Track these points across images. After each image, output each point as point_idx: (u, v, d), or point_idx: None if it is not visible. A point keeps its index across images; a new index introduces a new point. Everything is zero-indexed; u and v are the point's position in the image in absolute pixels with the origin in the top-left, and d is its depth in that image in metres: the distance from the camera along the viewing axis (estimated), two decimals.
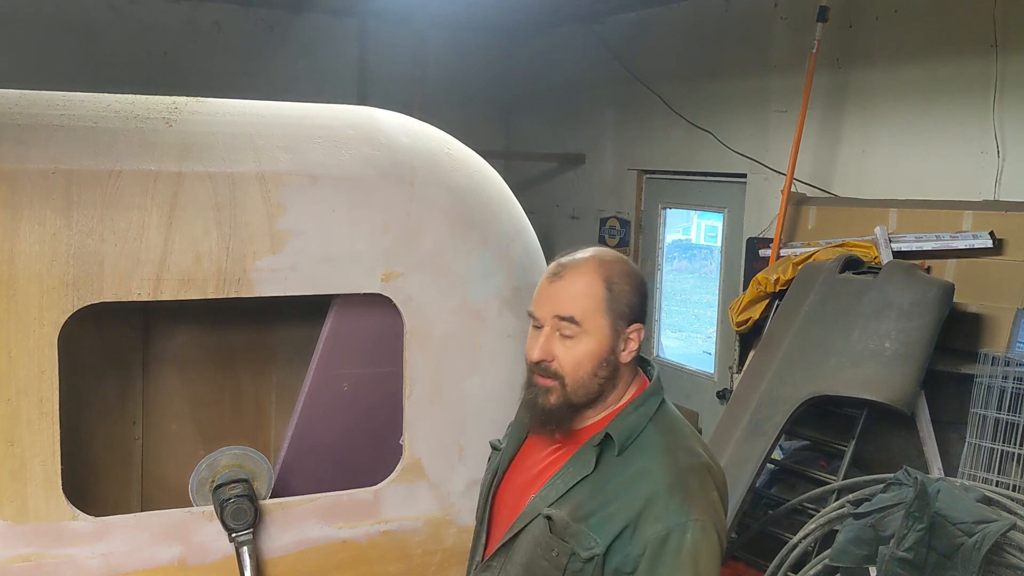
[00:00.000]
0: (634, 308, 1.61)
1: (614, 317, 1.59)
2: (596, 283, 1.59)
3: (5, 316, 1.66)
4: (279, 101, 2.13)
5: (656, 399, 1.65)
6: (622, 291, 1.60)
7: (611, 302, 1.59)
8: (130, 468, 2.39)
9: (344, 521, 1.96)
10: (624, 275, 1.62)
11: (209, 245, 1.77)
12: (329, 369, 2.06)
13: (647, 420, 1.61)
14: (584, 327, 1.58)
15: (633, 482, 1.55)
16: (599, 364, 1.60)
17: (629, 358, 1.62)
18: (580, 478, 1.59)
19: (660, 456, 1.57)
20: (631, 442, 1.59)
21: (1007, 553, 3.20)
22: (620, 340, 1.60)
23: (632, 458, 1.58)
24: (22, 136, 1.74)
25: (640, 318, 1.62)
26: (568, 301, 1.59)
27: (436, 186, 1.99)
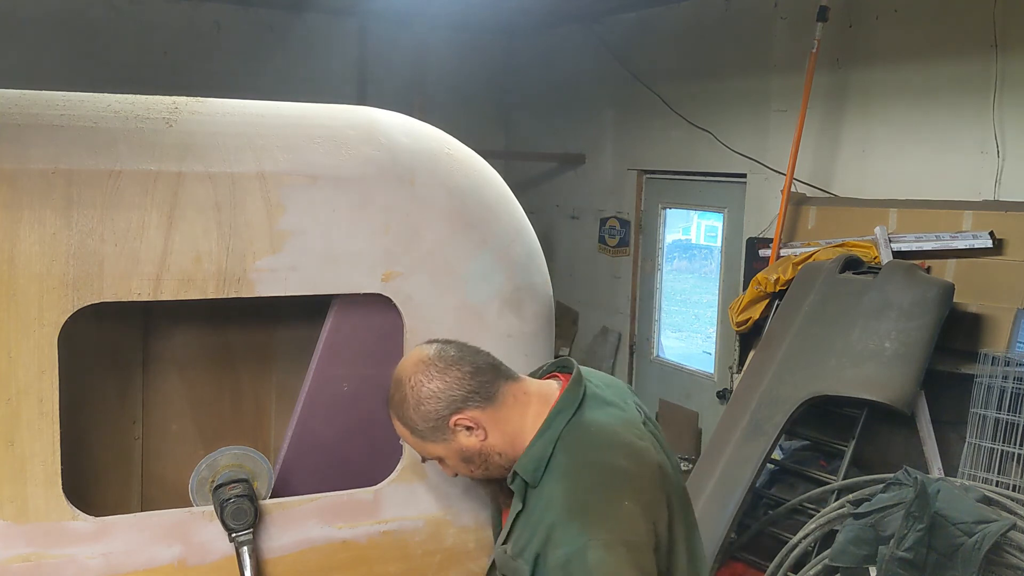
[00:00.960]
0: (436, 414, 1.63)
1: (432, 437, 1.65)
2: (399, 428, 1.69)
3: (5, 316, 1.66)
4: (279, 101, 2.13)
5: (562, 417, 1.63)
6: (411, 418, 1.64)
7: (417, 433, 1.66)
8: (130, 468, 2.39)
9: (344, 521, 1.96)
10: (403, 401, 1.65)
11: (209, 245, 1.77)
12: (329, 369, 2.06)
13: (552, 444, 1.61)
14: (432, 456, 1.70)
15: (541, 512, 1.57)
16: (467, 464, 1.68)
17: (481, 438, 1.64)
18: (514, 517, 1.63)
19: (562, 481, 1.57)
20: (543, 471, 1.59)
21: (1007, 553, 3.20)
22: (456, 440, 1.64)
23: (543, 486, 1.59)
24: (22, 136, 1.74)
25: (452, 409, 1.62)
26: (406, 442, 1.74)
27: (436, 186, 1.99)
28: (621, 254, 7.02)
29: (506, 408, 1.65)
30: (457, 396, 1.62)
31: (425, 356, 1.66)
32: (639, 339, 6.96)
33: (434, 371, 1.63)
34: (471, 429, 1.63)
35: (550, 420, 1.63)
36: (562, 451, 1.60)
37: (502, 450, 1.65)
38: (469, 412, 1.62)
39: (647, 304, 6.89)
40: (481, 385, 1.64)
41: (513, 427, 1.65)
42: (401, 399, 1.65)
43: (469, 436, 1.64)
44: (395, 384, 1.67)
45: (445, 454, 1.67)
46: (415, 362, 1.66)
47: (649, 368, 6.89)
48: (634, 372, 6.99)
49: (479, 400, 1.63)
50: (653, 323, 6.86)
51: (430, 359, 1.65)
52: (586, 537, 1.49)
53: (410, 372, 1.65)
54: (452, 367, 1.64)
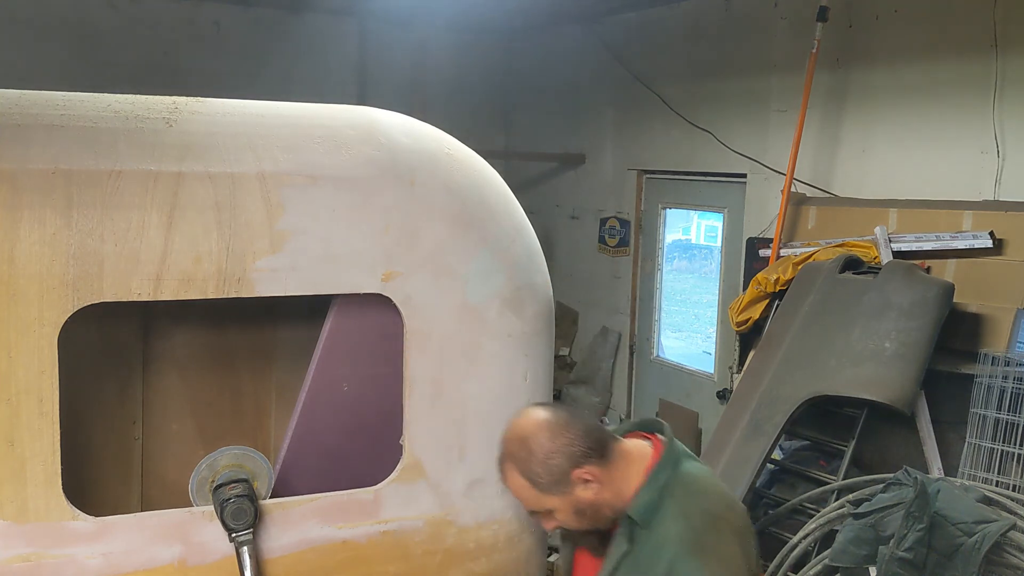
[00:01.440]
0: (560, 468, 1.76)
1: (553, 490, 1.77)
2: (518, 481, 1.80)
3: (5, 316, 1.66)
4: (279, 101, 2.13)
5: (666, 470, 1.82)
6: (537, 472, 1.76)
7: (539, 486, 1.77)
8: (130, 468, 2.39)
9: (344, 521, 1.96)
10: (530, 456, 1.77)
11: (209, 245, 1.77)
12: (329, 369, 2.06)
13: (660, 491, 1.80)
14: (546, 509, 1.80)
15: (657, 550, 1.74)
16: (578, 517, 1.80)
17: (592, 492, 1.78)
18: (619, 557, 1.79)
19: (677, 522, 1.76)
20: (653, 515, 1.78)
21: (1007, 553, 3.20)
22: (574, 493, 1.78)
23: (655, 528, 1.77)
24: (22, 136, 1.74)
25: (574, 464, 1.76)
26: (520, 500, 1.83)
27: (436, 186, 1.99)
28: (621, 254, 7.02)
29: (615, 464, 1.81)
30: (578, 452, 1.76)
31: (544, 417, 1.81)
32: (639, 339, 6.96)
33: (557, 429, 1.78)
34: (588, 482, 1.77)
35: (657, 471, 1.81)
36: (671, 498, 1.79)
37: (611, 502, 1.81)
38: (588, 467, 1.77)
39: (647, 304, 6.89)
40: (596, 443, 1.79)
41: (620, 481, 1.81)
42: (527, 455, 1.77)
43: (586, 489, 1.78)
44: (518, 442, 1.80)
45: (559, 506, 1.79)
46: (536, 422, 1.80)
47: (649, 368, 6.89)
48: (634, 372, 6.99)
49: (596, 457, 1.78)
50: (653, 323, 6.86)
51: (548, 420, 1.80)
52: (704, 573, 1.70)
53: (533, 430, 1.79)
54: (569, 426, 1.79)
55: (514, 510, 2.15)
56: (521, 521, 2.17)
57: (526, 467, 1.77)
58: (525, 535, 2.19)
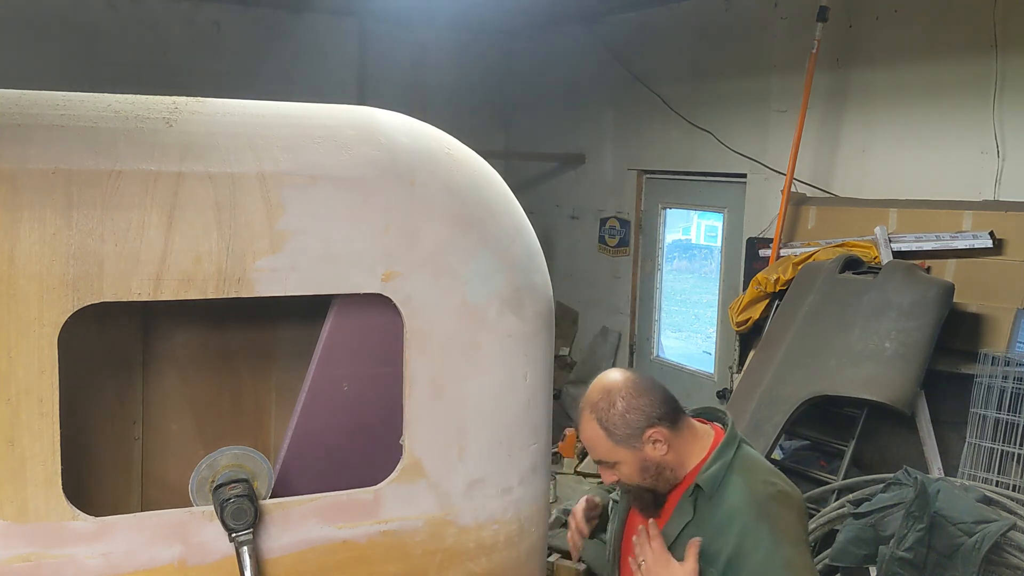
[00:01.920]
0: (635, 424, 1.91)
1: (625, 443, 1.91)
2: (595, 430, 1.93)
3: (5, 316, 1.66)
4: (279, 101, 2.13)
5: (731, 448, 1.97)
6: (615, 423, 1.91)
7: (613, 437, 1.91)
8: (130, 468, 2.39)
9: (344, 521, 1.96)
10: (609, 408, 1.91)
11: (209, 245, 1.77)
12: (329, 369, 2.06)
13: (727, 467, 1.94)
14: (612, 460, 1.94)
15: (727, 521, 1.88)
16: (642, 474, 1.94)
17: (663, 451, 1.93)
18: (684, 525, 1.93)
19: (743, 494, 1.90)
20: (717, 487, 1.92)
21: (1007, 553, 3.20)
22: (644, 449, 1.92)
23: (721, 500, 1.91)
24: (22, 136, 1.74)
25: (649, 423, 1.91)
26: (591, 450, 1.97)
27: (436, 186, 1.99)
28: (621, 254, 7.02)
29: (683, 435, 1.97)
30: (654, 414, 1.91)
31: (629, 376, 1.96)
32: (639, 339, 6.96)
33: (641, 389, 1.93)
34: (657, 443, 1.91)
35: (722, 448, 1.97)
36: (735, 472, 1.94)
37: (674, 466, 1.95)
38: (661, 428, 1.91)
39: (647, 304, 6.89)
40: (671, 410, 1.95)
41: (685, 451, 1.96)
42: (608, 405, 1.91)
43: (655, 448, 1.92)
44: (603, 392, 1.94)
45: (627, 460, 1.93)
46: (623, 379, 1.95)
47: (649, 368, 6.89)
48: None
49: (668, 422, 1.93)
50: (653, 323, 6.86)
51: (634, 379, 1.96)
52: (775, 538, 1.84)
53: (620, 385, 1.93)
54: (651, 390, 1.94)
55: (514, 510, 2.15)
56: (521, 521, 2.17)
57: (605, 416, 1.91)
58: (525, 535, 2.19)
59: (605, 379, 1.97)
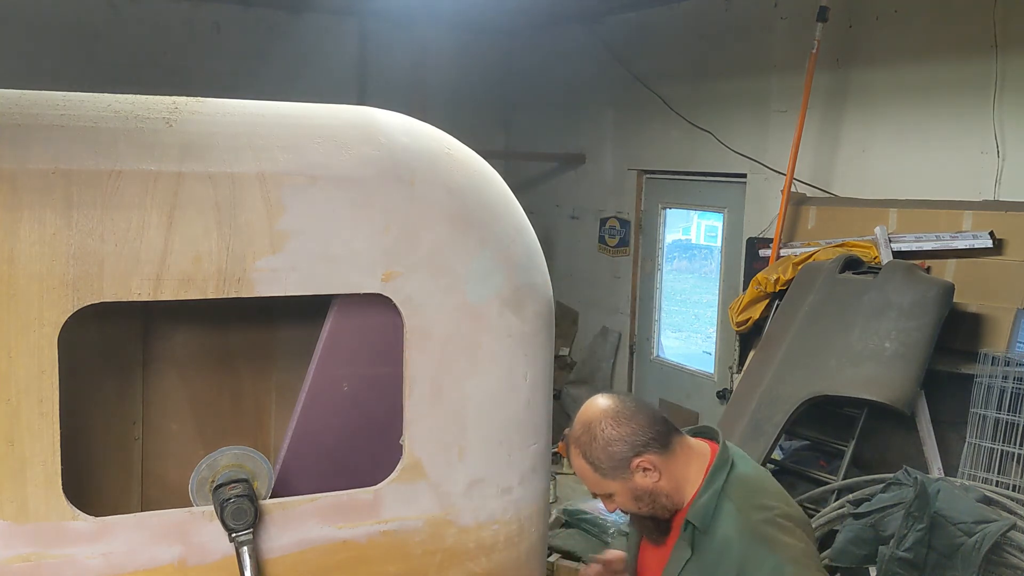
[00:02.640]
0: (621, 454, 1.85)
1: (612, 475, 1.87)
2: (581, 464, 1.90)
3: (5, 316, 1.66)
4: (279, 101, 2.13)
5: (722, 472, 1.90)
6: (599, 457, 1.86)
7: (600, 471, 1.87)
8: (130, 468, 2.39)
9: (344, 521, 1.96)
10: (592, 441, 1.86)
11: (209, 245, 1.77)
12: (329, 369, 2.06)
13: (717, 495, 1.87)
14: (605, 492, 1.91)
15: (722, 552, 1.82)
16: (636, 502, 1.90)
17: (655, 479, 1.87)
18: (684, 561, 1.88)
19: (735, 521, 1.83)
20: (711, 518, 1.85)
21: (1007, 553, 3.20)
22: (634, 479, 1.87)
23: (715, 531, 1.84)
24: (22, 136, 1.74)
25: (635, 452, 1.85)
26: (585, 483, 1.94)
27: (436, 186, 1.99)
28: (621, 254, 7.02)
29: (676, 457, 1.90)
30: (639, 442, 1.85)
31: (609, 405, 1.89)
32: (639, 339, 6.96)
33: (621, 418, 1.87)
34: (647, 471, 1.86)
35: (712, 475, 1.89)
36: (727, 499, 1.86)
37: (669, 492, 1.90)
38: (648, 456, 1.86)
39: (647, 304, 6.89)
40: (659, 434, 1.88)
41: (680, 474, 1.90)
42: (590, 440, 1.87)
43: (645, 477, 1.87)
44: (583, 427, 1.89)
45: (618, 491, 1.89)
46: (602, 409, 1.89)
47: (649, 368, 6.89)
48: (634, 372, 6.99)
49: (657, 447, 1.87)
50: (653, 323, 6.86)
51: (615, 408, 1.89)
52: (776, 557, 1.77)
53: (599, 417, 1.88)
54: (634, 417, 1.88)
55: (514, 510, 2.15)
56: (521, 521, 2.17)
57: (589, 452, 1.87)
58: (525, 535, 2.19)
59: (587, 411, 1.92)
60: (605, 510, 2.54)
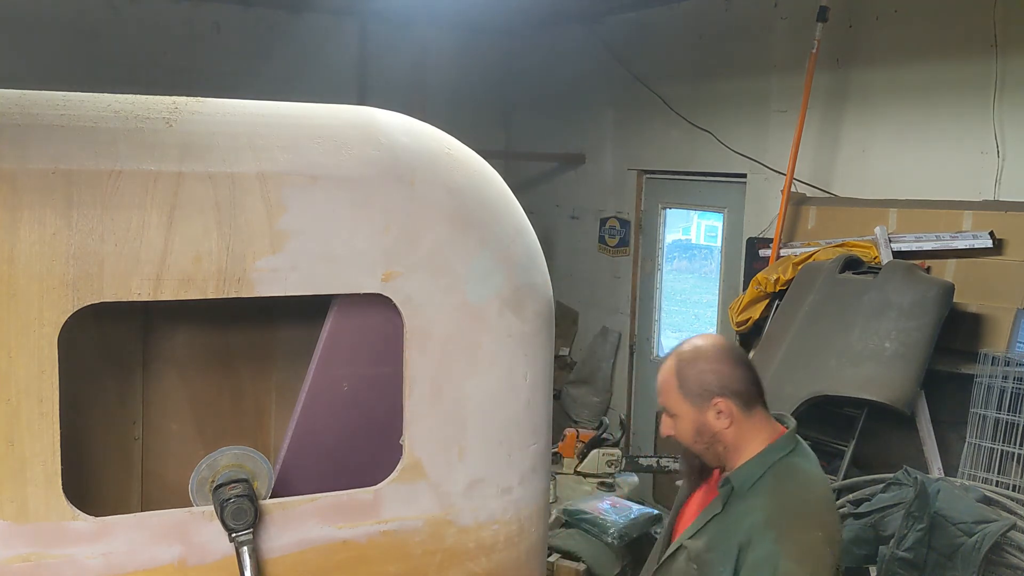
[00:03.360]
0: (709, 386, 1.94)
1: (691, 399, 1.96)
2: (669, 376, 1.99)
3: (5, 316, 1.66)
4: (279, 101, 2.13)
5: (778, 452, 1.97)
6: (691, 376, 1.95)
7: (683, 388, 1.96)
8: (130, 468, 2.39)
9: (344, 521, 1.96)
10: (693, 361, 1.96)
11: (209, 245, 1.77)
12: (329, 369, 2.06)
13: (765, 468, 1.94)
14: (673, 411, 2.00)
15: (742, 517, 1.90)
16: (695, 435, 1.99)
17: (725, 425, 1.95)
18: (712, 516, 1.98)
19: (766, 497, 1.90)
20: (750, 486, 1.93)
21: (1007, 553, 3.20)
22: (705, 414, 1.95)
23: (748, 498, 1.92)
24: (22, 136, 1.74)
25: (720, 392, 1.94)
26: (659, 394, 2.04)
27: (436, 186, 1.99)
28: (621, 254, 7.02)
29: (750, 420, 1.97)
30: (729, 386, 1.94)
31: (723, 344, 2.01)
32: (639, 339, 6.96)
33: (726, 358, 1.97)
34: (721, 414, 1.94)
35: (769, 450, 1.97)
36: (772, 476, 1.93)
37: (727, 445, 1.97)
38: (730, 402, 1.94)
39: (647, 304, 6.89)
40: (748, 392, 1.97)
41: (745, 437, 1.97)
42: (692, 358, 1.97)
43: (717, 418, 1.95)
44: (692, 346, 2.00)
45: (685, 417, 1.98)
46: (715, 343, 2.01)
47: (649, 368, 6.89)
48: (634, 372, 6.99)
49: (741, 401, 1.95)
50: (653, 323, 6.86)
51: (726, 349, 1.99)
52: (777, 549, 1.82)
53: (711, 346, 1.99)
54: (738, 364, 1.97)
55: (514, 510, 2.15)
56: (521, 521, 2.17)
57: (684, 367, 1.97)
58: (525, 535, 2.19)
59: (702, 336, 2.03)
60: (602, 511, 2.58)
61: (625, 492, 5.13)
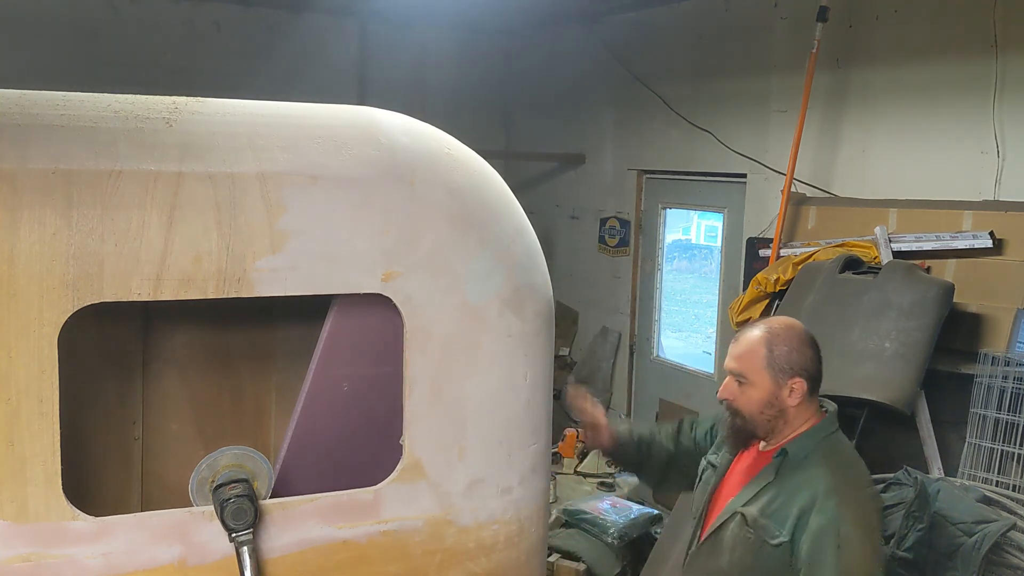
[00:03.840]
0: (794, 364, 2.11)
1: (774, 372, 2.11)
2: (759, 347, 2.12)
3: (5, 316, 1.66)
4: (279, 101, 2.13)
5: (826, 431, 2.17)
6: (780, 352, 2.10)
7: (770, 361, 2.11)
8: (130, 468, 2.39)
9: (344, 521, 1.96)
10: (785, 339, 2.11)
11: (209, 245, 1.77)
12: (329, 369, 2.06)
13: (816, 443, 2.14)
14: (749, 379, 2.13)
15: (803, 485, 2.06)
16: (764, 406, 2.13)
17: (795, 402, 2.12)
18: (764, 484, 2.13)
19: (824, 467, 2.08)
20: (804, 457, 2.11)
21: (1007, 553, 3.20)
22: (782, 389, 2.12)
23: (804, 468, 2.10)
24: (22, 136, 1.74)
25: (803, 373, 2.11)
26: (741, 359, 2.15)
27: (436, 186, 1.99)
28: (621, 254, 7.02)
29: (810, 403, 2.17)
30: (811, 370, 2.13)
31: (808, 330, 2.17)
32: (639, 339, 6.96)
33: (814, 347, 2.15)
34: (794, 392, 2.11)
35: (820, 427, 2.17)
36: (823, 450, 2.12)
37: (787, 420, 2.15)
38: (805, 385, 2.12)
39: (647, 304, 6.89)
40: (818, 376, 2.16)
41: (801, 416, 2.16)
42: (785, 335, 2.13)
43: (790, 395, 2.12)
44: (787, 325, 2.17)
45: (761, 386, 2.12)
46: (804, 327, 2.17)
47: (649, 368, 6.89)
48: (634, 372, 6.99)
49: (811, 384, 2.14)
50: (653, 323, 6.86)
51: (811, 335, 2.17)
52: (839, 513, 1.98)
53: (805, 333, 2.15)
54: (818, 352, 2.16)
55: (514, 510, 2.15)
56: (521, 521, 2.17)
57: (776, 340, 2.12)
58: (525, 535, 2.19)
59: (787, 318, 2.20)
60: (602, 511, 2.63)
61: (625, 492, 5.14)
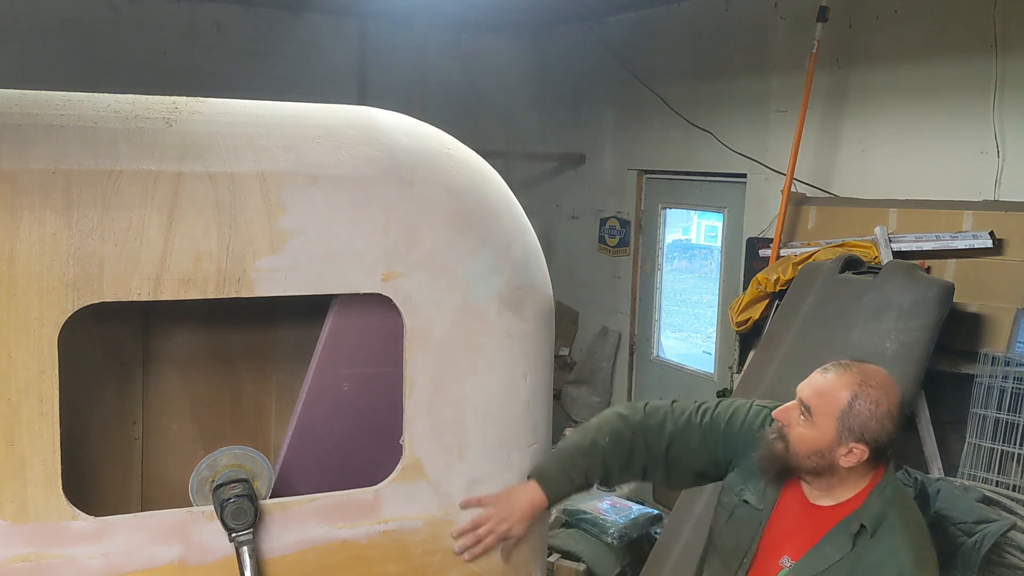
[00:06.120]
0: (867, 432, 1.87)
1: (842, 427, 1.88)
2: (842, 392, 1.89)
3: (5, 316, 1.66)
4: (279, 101, 2.13)
5: (892, 487, 1.96)
6: (860, 410, 1.87)
7: (844, 413, 1.88)
8: (130, 468, 2.39)
9: (344, 521, 1.96)
10: (873, 400, 1.87)
11: (209, 245, 1.77)
12: (329, 369, 2.06)
13: (885, 505, 1.92)
14: (814, 419, 1.91)
15: (885, 559, 1.86)
16: (813, 452, 1.91)
17: (846, 464, 1.90)
18: (838, 559, 1.90)
19: (905, 535, 1.88)
20: (879, 524, 1.89)
21: (1007, 553, 3.20)
22: (840, 447, 1.89)
23: (881, 538, 1.88)
24: (22, 136, 1.74)
25: (870, 443, 1.87)
26: (814, 393, 1.94)
27: (436, 186, 1.99)
28: (621, 254, 7.02)
29: (866, 471, 1.95)
30: (880, 442, 1.89)
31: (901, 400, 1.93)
32: (639, 339, 6.96)
33: (899, 418, 1.91)
34: (850, 455, 1.89)
35: (884, 484, 1.96)
36: (894, 512, 1.91)
37: (841, 477, 1.94)
38: (866, 454, 1.89)
39: (647, 304, 6.89)
40: (886, 451, 1.93)
41: (853, 480, 1.95)
42: (878, 397, 1.87)
43: (846, 456, 1.89)
44: (887, 385, 1.90)
45: (824, 435, 1.89)
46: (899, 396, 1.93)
47: (649, 368, 6.89)
48: (634, 372, 6.99)
49: (876, 457, 1.92)
50: (653, 323, 6.86)
51: (901, 406, 1.93)
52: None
53: (897, 400, 1.91)
54: (898, 428, 1.91)
55: None
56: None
57: (864, 396, 1.87)
58: (525, 535, 2.19)
59: (892, 381, 1.94)
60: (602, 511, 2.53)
61: (625, 492, 5.14)
